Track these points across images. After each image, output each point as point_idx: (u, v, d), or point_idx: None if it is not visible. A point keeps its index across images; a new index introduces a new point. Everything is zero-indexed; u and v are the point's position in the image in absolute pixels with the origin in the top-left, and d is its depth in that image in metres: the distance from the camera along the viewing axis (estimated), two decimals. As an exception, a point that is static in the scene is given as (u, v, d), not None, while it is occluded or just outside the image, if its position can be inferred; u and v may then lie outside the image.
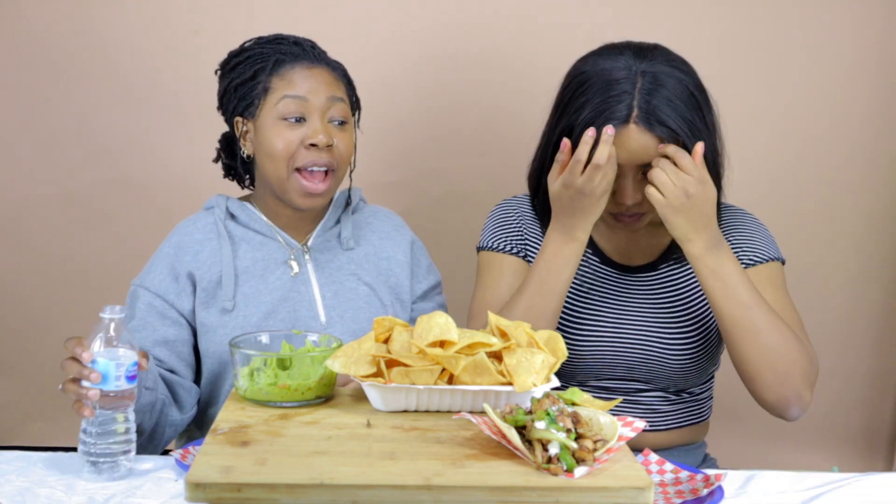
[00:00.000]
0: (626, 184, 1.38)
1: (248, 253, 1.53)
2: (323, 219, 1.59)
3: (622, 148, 1.34)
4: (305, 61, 1.50)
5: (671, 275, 1.52)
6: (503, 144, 2.12)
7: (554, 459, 0.93)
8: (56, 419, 2.23)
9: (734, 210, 1.56)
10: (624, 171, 1.37)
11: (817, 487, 1.27)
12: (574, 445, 0.93)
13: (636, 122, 1.34)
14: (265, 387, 1.11)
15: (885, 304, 2.22)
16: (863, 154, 2.15)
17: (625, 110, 1.34)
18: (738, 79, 2.09)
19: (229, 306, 1.49)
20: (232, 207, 1.56)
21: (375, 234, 1.62)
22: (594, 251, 1.53)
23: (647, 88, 1.34)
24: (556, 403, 0.98)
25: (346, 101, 1.52)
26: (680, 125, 1.33)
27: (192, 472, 0.89)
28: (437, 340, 1.08)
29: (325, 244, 1.58)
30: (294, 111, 1.47)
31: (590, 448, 0.94)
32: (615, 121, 1.33)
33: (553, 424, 0.94)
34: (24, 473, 1.25)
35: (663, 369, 1.49)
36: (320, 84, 1.49)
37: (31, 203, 2.18)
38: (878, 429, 2.30)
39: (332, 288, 1.54)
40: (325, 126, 1.48)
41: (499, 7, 2.10)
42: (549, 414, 0.95)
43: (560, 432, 0.94)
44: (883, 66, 2.11)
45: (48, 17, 2.10)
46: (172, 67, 2.11)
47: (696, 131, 1.35)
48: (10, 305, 2.23)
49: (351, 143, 1.52)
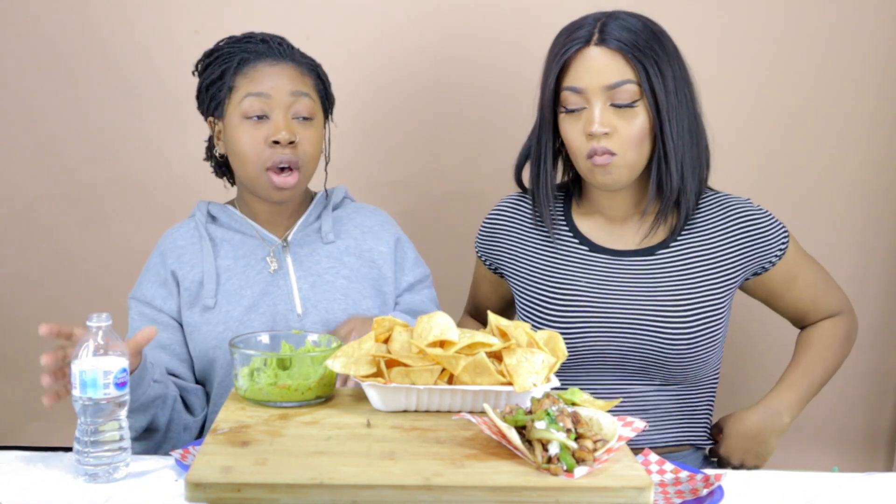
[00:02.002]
0: (593, 110, 1.41)
1: (230, 252, 1.56)
2: (304, 214, 1.61)
3: (586, 71, 1.41)
4: (269, 58, 1.51)
5: (670, 259, 1.51)
6: (503, 145, 2.11)
7: (554, 459, 0.93)
8: (56, 419, 2.23)
9: (730, 200, 1.55)
10: (588, 96, 1.42)
11: (817, 487, 1.27)
12: (574, 445, 0.93)
13: (596, 43, 1.41)
14: (265, 387, 1.11)
15: (885, 304, 2.22)
16: (863, 154, 2.15)
17: (585, 36, 1.42)
18: (738, 78, 2.09)
19: (211, 304, 1.52)
20: (213, 210, 1.60)
21: (358, 228, 1.63)
22: (581, 241, 1.54)
23: (606, 21, 1.44)
24: (556, 403, 0.98)
25: (311, 97, 1.52)
26: (637, 41, 1.41)
27: (192, 472, 0.89)
28: (437, 340, 1.08)
29: (305, 238, 1.59)
30: (257, 109, 1.48)
31: (590, 448, 0.94)
32: (577, 44, 1.42)
33: (553, 424, 0.95)
34: (24, 473, 1.25)
35: (657, 357, 1.48)
36: (283, 80, 1.50)
37: (31, 203, 2.18)
38: (878, 429, 2.30)
39: (309, 280, 1.56)
40: (288, 122, 1.49)
41: (499, 7, 2.10)
42: (549, 414, 0.96)
43: (560, 432, 0.94)
44: (884, 65, 2.11)
45: (49, 18, 2.10)
46: (173, 67, 2.10)
47: (653, 53, 1.42)
48: (11, 305, 2.23)
49: (317, 138, 1.53)
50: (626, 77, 1.40)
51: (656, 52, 1.42)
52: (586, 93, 1.42)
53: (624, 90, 1.40)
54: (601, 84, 1.41)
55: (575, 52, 1.42)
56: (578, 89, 1.42)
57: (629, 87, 1.40)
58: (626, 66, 1.40)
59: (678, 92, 1.44)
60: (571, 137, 1.45)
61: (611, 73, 1.40)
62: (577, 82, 1.42)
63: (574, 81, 1.42)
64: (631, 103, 1.41)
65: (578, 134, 1.44)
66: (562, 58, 1.43)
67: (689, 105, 1.47)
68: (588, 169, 1.46)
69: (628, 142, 1.42)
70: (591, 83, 1.41)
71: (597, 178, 1.45)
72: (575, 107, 1.43)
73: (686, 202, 1.49)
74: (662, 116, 1.42)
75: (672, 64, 1.44)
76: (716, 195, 1.56)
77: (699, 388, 1.56)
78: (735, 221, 1.52)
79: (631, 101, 1.41)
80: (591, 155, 1.43)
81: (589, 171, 1.46)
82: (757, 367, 2.26)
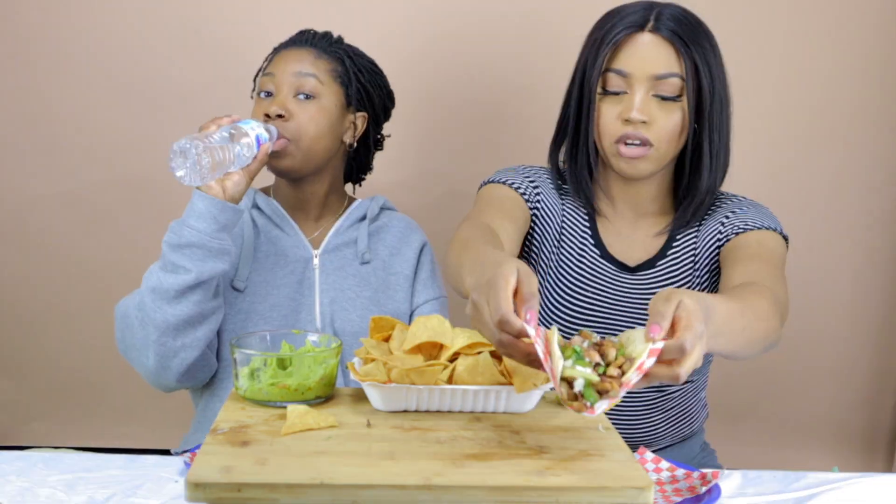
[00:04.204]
0: (635, 96, 1.39)
1: (265, 245, 1.58)
2: (338, 221, 1.63)
3: (635, 56, 1.38)
4: (295, 46, 1.57)
5: (669, 272, 1.51)
6: (505, 144, 2.12)
7: (579, 396, 0.92)
8: (56, 419, 2.23)
9: (733, 196, 1.56)
10: (632, 81, 1.39)
11: (816, 487, 1.27)
12: (595, 378, 0.92)
13: (651, 30, 1.38)
14: (265, 387, 1.11)
15: (885, 304, 2.22)
16: (864, 154, 2.15)
17: (640, 21, 1.39)
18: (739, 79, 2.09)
19: (241, 286, 1.53)
20: (258, 199, 1.62)
21: (387, 249, 1.64)
22: (596, 243, 1.53)
23: (661, 10, 1.40)
24: (587, 339, 0.97)
25: (319, 78, 1.54)
26: (690, 35, 1.38)
27: (192, 472, 0.89)
28: (427, 342, 1.09)
29: (337, 251, 1.60)
30: (264, 86, 1.55)
31: (616, 375, 0.92)
32: (631, 28, 1.38)
33: (580, 361, 0.93)
34: (24, 473, 1.25)
35: None
36: (293, 62, 1.54)
37: (31, 203, 2.18)
38: (878, 429, 2.30)
39: (330, 294, 1.56)
40: (285, 99, 1.52)
41: (502, 7, 2.10)
42: (576, 351, 0.94)
43: (586, 368, 0.93)
44: (885, 65, 2.11)
45: (49, 18, 2.10)
46: (173, 67, 2.11)
47: (702, 49, 1.39)
48: (11, 305, 2.23)
49: (319, 116, 1.54)
50: (674, 70, 1.38)
51: (705, 48, 1.39)
52: (631, 78, 1.39)
53: (669, 83, 1.38)
54: (649, 72, 1.38)
55: (627, 35, 1.39)
56: (625, 73, 1.39)
57: (674, 81, 1.38)
58: (676, 58, 1.38)
59: (720, 92, 1.42)
60: (606, 120, 1.42)
61: (660, 63, 1.38)
62: (624, 66, 1.39)
63: (621, 65, 1.39)
64: (674, 97, 1.39)
65: (614, 117, 1.41)
66: (614, 39, 1.39)
67: (727, 107, 1.46)
68: (613, 153, 1.43)
69: (664, 134, 1.39)
70: (639, 69, 1.38)
71: (621, 164, 1.43)
72: (616, 90, 1.40)
73: (707, 205, 1.49)
74: (703, 115, 1.41)
75: (718, 64, 1.43)
76: (723, 196, 1.55)
77: (695, 383, 1.58)
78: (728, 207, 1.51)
79: (674, 95, 1.38)
80: (622, 140, 1.40)
81: (613, 155, 1.43)
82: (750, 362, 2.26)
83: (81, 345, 2.20)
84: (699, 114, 1.40)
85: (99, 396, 2.20)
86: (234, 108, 1.63)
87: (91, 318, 2.20)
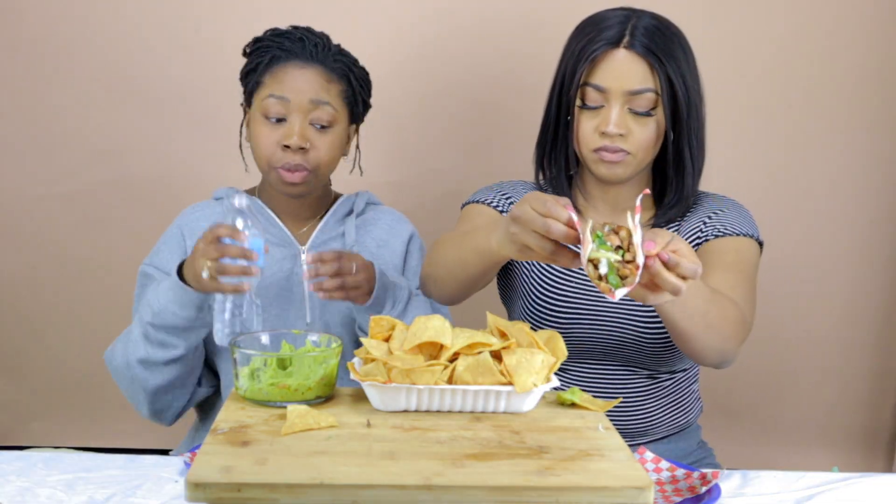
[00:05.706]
0: (612, 111, 1.43)
1: None
2: (325, 217, 1.62)
3: (611, 72, 1.42)
4: (300, 60, 1.51)
5: None
6: (504, 144, 2.12)
7: (604, 278, 1.00)
8: (56, 419, 2.23)
9: (715, 195, 1.59)
10: (609, 96, 1.43)
11: (816, 487, 1.27)
12: (616, 257, 1.00)
13: (626, 46, 1.41)
14: (265, 387, 1.11)
15: (885, 304, 2.22)
16: (863, 154, 2.15)
17: (615, 37, 1.42)
18: (736, 80, 2.09)
19: None
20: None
21: (374, 241, 1.65)
22: None
23: (636, 23, 1.43)
24: (608, 224, 1.03)
25: (332, 105, 1.52)
26: (664, 49, 1.41)
27: (192, 472, 0.89)
28: (427, 342, 1.09)
29: (324, 246, 1.60)
30: (275, 112, 1.50)
31: (632, 260, 1.00)
32: (606, 44, 1.41)
33: (603, 246, 1.00)
34: (24, 473, 1.25)
35: (640, 351, 1.51)
36: (306, 85, 1.50)
37: (31, 203, 2.18)
38: (878, 429, 2.30)
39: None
40: (303, 128, 1.49)
41: (500, 6, 2.10)
42: (598, 236, 1.01)
43: (609, 252, 1.00)
44: (882, 65, 2.11)
45: (49, 18, 2.10)
46: (174, 67, 2.11)
47: (675, 62, 1.42)
48: (11, 305, 2.23)
49: (334, 144, 1.54)
50: (648, 85, 1.41)
51: (678, 60, 1.43)
52: (608, 93, 1.43)
53: (644, 97, 1.42)
54: (624, 88, 1.42)
55: (603, 51, 1.42)
56: (602, 88, 1.43)
57: (649, 96, 1.42)
58: (650, 74, 1.42)
59: (694, 99, 1.46)
60: (584, 131, 1.46)
61: (635, 79, 1.41)
62: (601, 81, 1.43)
63: (598, 80, 1.43)
64: (648, 111, 1.43)
65: (591, 129, 1.45)
66: (591, 55, 1.43)
67: (701, 111, 1.50)
68: (593, 160, 1.47)
69: (641, 143, 1.44)
70: (615, 85, 1.42)
71: (600, 169, 1.47)
72: (594, 104, 1.45)
73: (689, 205, 1.54)
74: (680, 123, 1.45)
75: (691, 71, 1.46)
76: (704, 195, 1.59)
77: (687, 372, 1.60)
78: (705, 210, 1.55)
79: (648, 110, 1.43)
80: (600, 150, 1.45)
81: (593, 161, 1.47)
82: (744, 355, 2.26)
83: (81, 345, 2.20)
84: (676, 122, 1.45)
85: (99, 396, 2.20)
86: (234, 108, 1.63)
87: (91, 318, 2.19)
